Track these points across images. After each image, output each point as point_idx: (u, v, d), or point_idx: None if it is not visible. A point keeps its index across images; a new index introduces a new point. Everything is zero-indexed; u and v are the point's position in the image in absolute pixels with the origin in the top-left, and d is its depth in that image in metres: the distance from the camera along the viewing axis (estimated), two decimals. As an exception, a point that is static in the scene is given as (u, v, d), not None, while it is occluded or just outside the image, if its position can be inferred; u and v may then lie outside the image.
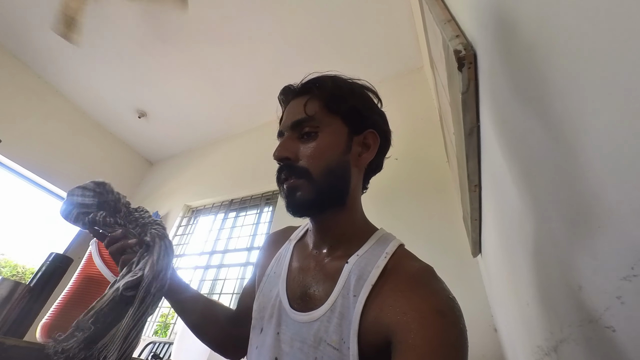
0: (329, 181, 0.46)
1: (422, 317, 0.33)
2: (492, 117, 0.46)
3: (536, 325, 0.48)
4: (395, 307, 0.36)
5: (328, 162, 0.46)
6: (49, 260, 0.80)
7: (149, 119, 2.92)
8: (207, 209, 2.63)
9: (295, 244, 0.56)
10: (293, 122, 0.49)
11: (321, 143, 0.47)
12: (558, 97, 0.26)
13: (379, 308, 0.37)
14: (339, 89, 0.50)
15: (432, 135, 1.66)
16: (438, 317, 0.33)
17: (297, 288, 0.47)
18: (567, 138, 0.25)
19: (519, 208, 0.43)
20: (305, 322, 0.42)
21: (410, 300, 0.35)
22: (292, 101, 0.53)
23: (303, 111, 0.48)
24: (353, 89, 0.52)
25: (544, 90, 0.28)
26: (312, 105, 0.48)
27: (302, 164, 0.46)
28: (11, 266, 3.38)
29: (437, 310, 0.34)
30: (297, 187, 0.46)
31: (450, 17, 0.57)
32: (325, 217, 0.49)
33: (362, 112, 0.51)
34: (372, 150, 0.51)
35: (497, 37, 0.38)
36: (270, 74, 2.31)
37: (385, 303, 0.37)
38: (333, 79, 0.52)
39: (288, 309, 0.45)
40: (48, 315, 0.78)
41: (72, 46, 2.32)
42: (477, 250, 1.03)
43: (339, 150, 0.48)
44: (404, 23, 1.88)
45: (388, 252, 0.43)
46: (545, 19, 0.26)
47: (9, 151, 2.40)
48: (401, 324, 0.33)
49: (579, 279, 0.28)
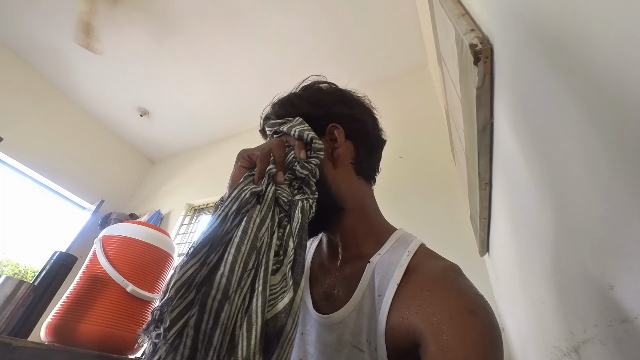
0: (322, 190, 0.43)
1: (452, 318, 0.32)
2: (510, 112, 0.45)
3: (553, 325, 0.47)
4: (424, 307, 0.34)
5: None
6: (53, 258, 0.80)
7: (151, 118, 2.90)
8: (209, 207, 2.62)
9: (315, 243, 0.55)
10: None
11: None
12: (593, 89, 0.24)
13: (405, 308, 0.36)
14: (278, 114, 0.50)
15: (436, 133, 1.65)
16: (469, 316, 0.32)
17: (320, 289, 0.46)
18: (602, 133, 0.24)
19: (537, 205, 0.42)
20: (328, 324, 0.40)
21: (439, 300, 0.34)
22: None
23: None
24: (292, 100, 0.51)
25: (575, 83, 0.27)
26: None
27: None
28: (12, 265, 3.38)
29: (468, 310, 0.32)
30: None
31: (464, 11, 0.56)
32: (333, 224, 0.47)
33: (313, 115, 0.48)
34: (341, 142, 0.48)
35: (520, 29, 0.37)
36: (273, 72, 2.29)
37: (411, 303, 0.36)
38: (273, 105, 0.52)
39: (312, 311, 0.44)
40: (53, 315, 0.78)
41: (74, 45, 2.31)
42: (485, 250, 1.02)
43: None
44: (407, 21, 1.86)
45: (410, 251, 0.42)
46: (577, 8, 0.25)
47: (10, 149, 2.39)
48: (431, 325, 0.32)
49: (611, 277, 0.27)
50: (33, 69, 2.65)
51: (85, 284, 0.82)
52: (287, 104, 0.50)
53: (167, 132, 3.06)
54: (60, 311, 0.77)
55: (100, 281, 0.82)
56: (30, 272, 3.50)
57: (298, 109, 0.49)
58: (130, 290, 0.83)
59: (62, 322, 0.75)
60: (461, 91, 0.67)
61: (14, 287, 0.66)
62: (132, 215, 2.81)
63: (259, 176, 0.39)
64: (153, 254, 0.93)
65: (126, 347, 0.82)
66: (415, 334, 0.34)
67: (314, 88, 0.53)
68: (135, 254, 0.90)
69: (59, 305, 0.79)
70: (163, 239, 0.97)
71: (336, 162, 0.47)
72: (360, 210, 0.48)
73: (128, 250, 0.89)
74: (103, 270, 0.83)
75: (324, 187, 0.44)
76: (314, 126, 0.46)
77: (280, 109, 0.50)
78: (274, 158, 0.41)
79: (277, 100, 0.53)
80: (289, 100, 0.51)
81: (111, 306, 0.80)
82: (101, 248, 0.87)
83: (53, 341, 0.74)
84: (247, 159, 0.42)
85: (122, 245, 0.89)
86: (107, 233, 0.92)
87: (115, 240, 0.90)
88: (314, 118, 0.47)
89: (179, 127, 2.99)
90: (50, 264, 0.76)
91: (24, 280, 0.68)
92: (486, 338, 0.31)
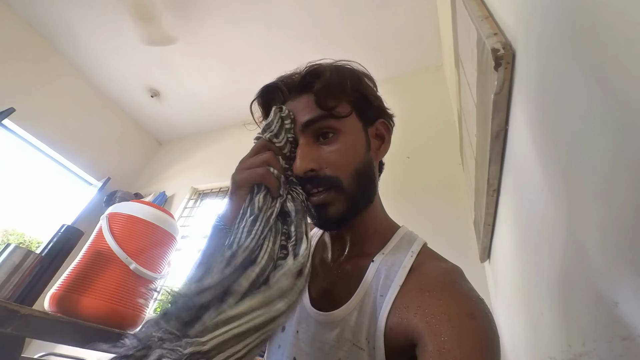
0: (359, 186, 0.43)
1: (451, 320, 0.32)
2: (527, 120, 0.44)
3: (550, 336, 0.47)
4: (423, 308, 0.34)
5: (356, 164, 0.42)
6: (61, 231, 0.81)
7: (161, 99, 2.91)
8: (213, 192, 2.64)
9: (315, 238, 0.55)
10: (304, 123, 0.42)
11: (344, 144, 0.42)
12: (623, 108, 0.24)
13: (404, 308, 0.36)
14: (345, 82, 0.44)
15: (446, 135, 1.63)
16: (469, 319, 0.32)
17: (320, 286, 0.46)
18: (627, 153, 0.24)
19: (547, 216, 0.42)
20: (328, 322, 0.40)
21: (439, 302, 0.34)
22: (292, 101, 0.46)
23: (314, 109, 0.42)
24: (358, 76, 0.47)
25: (605, 100, 0.26)
26: (321, 104, 0.42)
27: (329, 172, 0.41)
28: (18, 234, 3.45)
29: (467, 313, 0.32)
30: (328, 202, 0.41)
31: (488, 14, 0.55)
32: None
33: (372, 101, 0.47)
34: (388, 141, 0.48)
35: (548, 38, 0.36)
36: (286, 64, 2.27)
37: (411, 304, 0.36)
38: (334, 68, 0.46)
39: (309, 308, 0.44)
40: (57, 286, 0.80)
41: (90, 21, 2.32)
42: (486, 256, 1.02)
43: (362, 149, 0.44)
44: (425, 19, 1.84)
45: (414, 251, 0.42)
46: (625, 12, 0.24)
47: (22, 121, 2.42)
48: (430, 326, 0.32)
49: (616, 295, 0.27)
50: (49, 44, 2.66)
51: (89, 258, 0.84)
52: (350, 76, 0.46)
53: (177, 114, 3.07)
54: (64, 283, 0.79)
55: (104, 257, 0.84)
56: (34, 242, 3.57)
57: (361, 86, 0.46)
58: (133, 268, 0.84)
59: (65, 293, 0.77)
60: (477, 95, 0.66)
61: (22, 257, 0.67)
62: (137, 194, 2.84)
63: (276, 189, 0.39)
64: (157, 235, 0.94)
65: (126, 322, 0.84)
66: (413, 334, 0.34)
67: (370, 76, 0.50)
68: (140, 233, 0.91)
69: (64, 277, 0.81)
70: (168, 220, 0.99)
71: (377, 157, 0.48)
72: (375, 205, 0.48)
73: (133, 229, 0.91)
74: (108, 246, 0.85)
75: (367, 181, 0.44)
76: (367, 112, 0.46)
77: (342, 80, 0.44)
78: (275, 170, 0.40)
79: (336, 66, 0.47)
80: (350, 72, 0.46)
81: (114, 282, 0.82)
82: (107, 225, 0.89)
83: (56, 311, 0.76)
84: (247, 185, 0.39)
85: (127, 224, 0.91)
86: (113, 210, 0.94)
87: (121, 218, 0.91)
88: (371, 104, 0.47)
89: (189, 111, 2.99)
90: (58, 236, 0.78)
91: (32, 251, 0.70)
92: (484, 342, 0.31)
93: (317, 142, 0.43)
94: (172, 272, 1.06)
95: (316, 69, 0.45)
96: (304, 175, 0.41)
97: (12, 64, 2.45)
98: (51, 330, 0.52)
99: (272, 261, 0.34)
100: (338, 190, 0.41)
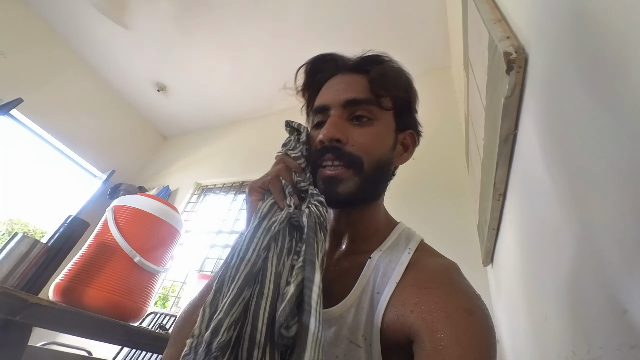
0: (376, 176, 0.43)
1: (448, 317, 0.32)
2: (537, 125, 0.44)
3: (553, 342, 0.47)
4: (420, 305, 0.34)
5: (380, 155, 0.43)
6: (67, 222, 0.82)
7: (168, 94, 2.92)
8: (217, 188, 2.65)
9: None
10: (349, 100, 0.43)
11: (376, 132, 0.43)
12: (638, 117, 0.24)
13: (401, 305, 0.36)
14: (400, 80, 0.46)
15: (452, 138, 1.63)
16: (466, 315, 0.32)
17: None
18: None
19: (555, 222, 0.42)
20: (325, 319, 0.40)
21: (436, 298, 0.34)
22: (342, 75, 0.47)
23: (363, 91, 0.43)
24: (410, 81, 0.48)
25: (618, 108, 0.26)
26: (373, 88, 0.44)
27: (354, 150, 0.41)
28: (22, 223, 3.49)
29: (464, 309, 0.32)
30: (342, 179, 0.41)
31: (501, 17, 0.55)
32: (354, 211, 0.46)
33: (411, 110, 0.48)
34: (410, 152, 0.49)
35: (563, 44, 0.36)
36: (293, 64, 2.27)
37: (408, 301, 0.36)
38: (395, 67, 0.47)
39: None
40: (62, 276, 0.80)
41: (100, 16, 2.32)
42: (489, 260, 1.02)
43: (389, 145, 0.45)
44: (434, 20, 1.83)
45: (411, 248, 0.42)
46: (636, 20, 0.24)
47: (29, 111, 2.44)
48: (427, 323, 0.32)
49: (626, 302, 0.27)
50: (58, 37, 2.68)
51: (94, 250, 0.85)
52: (404, 79, 0.47)
53: (182, 109, 3.08)
54: (69, 273, 0.80)
55: (109, 249, 0.84)
56: (38, 232, 3.60)
57: (410, 93, 0.48)
58: (138, 261, 0.85)
59: (70, 284, 0.78)
60: (487, 98, 0.66)
61: (29, 246, 0.68)
62: (141, 187, 2.85)
63: (281, 198, 0.39)
64: (162, 229, 0.95)
65: (129, 315, 0.84)
66: (410, 331, 0.34)
67: (416, 90, 0.51)
68: (145, 227, 0.92)
69: (68, 268, 0.82)
70: (173, 214, 0.99)
71: (396, 162, 0.48)
72: (379, 204, 0.49)
73: (138, 222, 0.91)
74: (113, 238, 0.85)
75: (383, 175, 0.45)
76: (404, 118, 0.47)
77: (398, 80, 0.46)
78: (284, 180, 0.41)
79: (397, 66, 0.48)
80: (406, 77, 0.48)
81: (118, 274, 0.83)
82: (112, 217, 0.90)
83: (60, 301, 0.76)
84: (259, 191, 0.41)
85: (133, 217, 0.91)
86: (119, 203, 0.94)
87: (126, 211, 0.92)
88: (408, 113, 0.48)
89: (195, 106, 3.00)
90: (64, 227, 0.79)
91: (39, 241, 0.70)
92: (482, 338, 0.31)
93: (350, 122, 0.44)
94: (175, 266, 1.06)
95: (377, 57, 0.47)
96: (329, 143, 0.41)
97: (22, 56, 2.47)
98: (58, 320, 0.53)
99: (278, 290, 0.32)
100: (357, 170, 0.41)
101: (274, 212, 0.38)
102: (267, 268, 0.33)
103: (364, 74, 0.46)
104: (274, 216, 0.37)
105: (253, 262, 0.33)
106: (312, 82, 0.50)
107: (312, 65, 0.51)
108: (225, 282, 0.32)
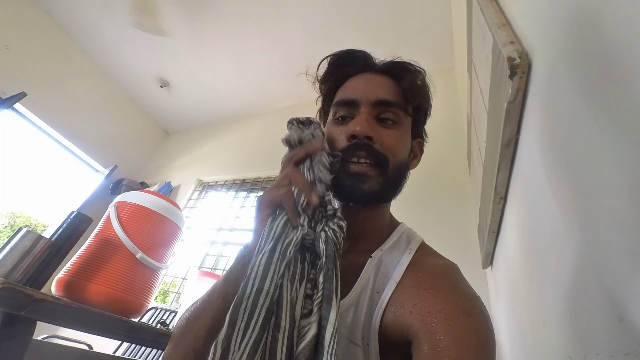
0: (397, 178, 0.44)
1: (447, 318, 0.32)
2: (539, 130, 0.44)
3: (550, 347, 0.48)
4: (419, 306, 0.34)
5: (402, 157, 0.45)
6: (70, 217, 0.83)
7: (171, 90, 2.93)
8: (218, 185, 2.66)
9: None
10: (380, 100, 0.44)
11: (400, 135, 0.45)
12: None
13: (400, 306, 0.36)
14: (427, 92, 0.48)
15: (454, 140, 1.63)
16: (464, 317, 0.32)
17: None
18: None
19: (555, 228, 0.42)
20: None
21: (435, 300, 0.34)
22: (370, 75, 0.48)
23: (393, 94, 0.45)
24: (430, 94, 0.50)
25: (621, 116, 0.27)
26: (405, 95, 0.45)
27: (382, 150, 0.42)
28: (25, 217, 3.51)
29: (464, 311, 0.32)
30: (369, 176, 0.41)
31: (505, 22, 0.55)
32: (363, 209, 0.45)
33: (425, 121, 0.51)
34: (418, 160, 0.51)
35: (568, 51, 0.36)
36: (296, 63, 2.28)
37: (407, 302, 0.36)
38: (423, 77, 0.49)
39: None
40: (64, 271, 0.81)
41: (104, 9, 2.32)
42: (489, 263, 1.02)
43: (408, 150, 0.47)
44: (439, 21, 1.82)
45: (412, 249, 0.42)
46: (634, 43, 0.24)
47: (32, 105, 2.45)
48: (425, 325, 0.32)
49: (622, 309, 0.27)
50: (63, 31, 2.68)
51: (97, 245, 0.85)
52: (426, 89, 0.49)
53: (185, 106, 3.09)
54: (71, 268, 0.81)
55: (111, 245, 0.85)
56: (40, 226, 3.62)
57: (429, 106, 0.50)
58: (140, 258, 0.86)
59: (72, 279, 0.79)
60: (489, 102, 0.66)
61: (33, 241, 0.69)
62: (142, 183, 2.86)
63: (295, 216, 0.36)
64: (164, 225, 0.95)
65: (131, 310, 0.85)
66: (409, 332, 0.34)
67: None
68: (147, 223, 0.92)
69: (71, 263, 0.83)
70: (175, 211, 1.00)
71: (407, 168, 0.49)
72: (386, 208, 0.49)
73: (141, 218, 0.92)
74: (115, 234, 0.86)
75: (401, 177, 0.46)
76: (419, 127, 0.50)
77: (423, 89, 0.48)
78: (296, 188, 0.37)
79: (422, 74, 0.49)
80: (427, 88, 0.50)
81: (120, 270, 0.83)
82: (115, 213, 0.90)
83: (62, 295, 0.77)
84: (270, 205, 0.37)
85: (135, 213, 0.92)
86: (121, 199, 0.95)
87: (129, 207, 0.92)
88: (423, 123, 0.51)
89: (197, 103, 3.01)
90: (68, 222, 0.79)
91: (43, 236, 0.71)
92: (481, 340, 0.31)
93: (377, 122, 0.44)
94: (176, 262, 1.07)
95: (408, 65, 0.49)
96: (361, 140, 0.41)
97: (26, 50, 2.47)
98: (62, 315, 0.54)
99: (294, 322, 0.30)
100: (382, 170, 0.42)
101: (287, 232, 0.35)
102: (283, 298, 0.31)
103: (391, 78, 0.47)
104: (287, 237, 0.34)
105: (272, 294, 0.30)
106: (336, 74, 0.50)
107: (339, 57, 0.50)
108: (240, 315, 0.29)
